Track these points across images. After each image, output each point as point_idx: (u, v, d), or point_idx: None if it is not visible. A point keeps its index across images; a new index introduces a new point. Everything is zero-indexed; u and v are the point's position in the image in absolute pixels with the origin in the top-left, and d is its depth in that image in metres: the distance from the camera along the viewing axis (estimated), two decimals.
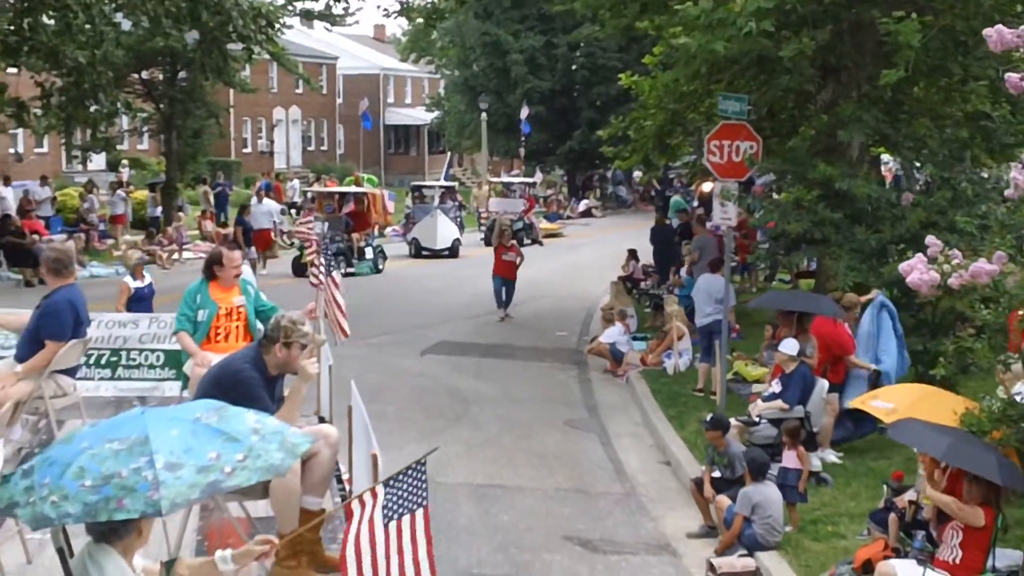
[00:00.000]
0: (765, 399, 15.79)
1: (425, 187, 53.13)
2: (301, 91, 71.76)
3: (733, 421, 14.97)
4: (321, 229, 13.57)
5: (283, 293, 19.86)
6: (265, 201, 41.41)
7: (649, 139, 26.30)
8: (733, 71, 22.59)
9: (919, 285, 11.04)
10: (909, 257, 11.53)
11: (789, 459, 13.71)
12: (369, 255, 38.80)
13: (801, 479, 13.65)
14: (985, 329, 11.61)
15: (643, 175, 44.90)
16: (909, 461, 14.01)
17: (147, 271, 20.20)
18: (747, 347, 22.22)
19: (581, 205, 66.46)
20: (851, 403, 14.74)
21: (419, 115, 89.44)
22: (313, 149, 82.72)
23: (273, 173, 61.30)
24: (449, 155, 74.65)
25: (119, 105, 40.82)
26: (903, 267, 11.29)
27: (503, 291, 29.18)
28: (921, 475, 11.76)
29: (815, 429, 15.47)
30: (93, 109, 38.56)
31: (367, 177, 56.03)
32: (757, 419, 15.43)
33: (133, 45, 41.41)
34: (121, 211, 44.11)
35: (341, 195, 43.51)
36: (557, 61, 67.17)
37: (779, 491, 13.15)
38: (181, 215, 45.65)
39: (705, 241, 25.24)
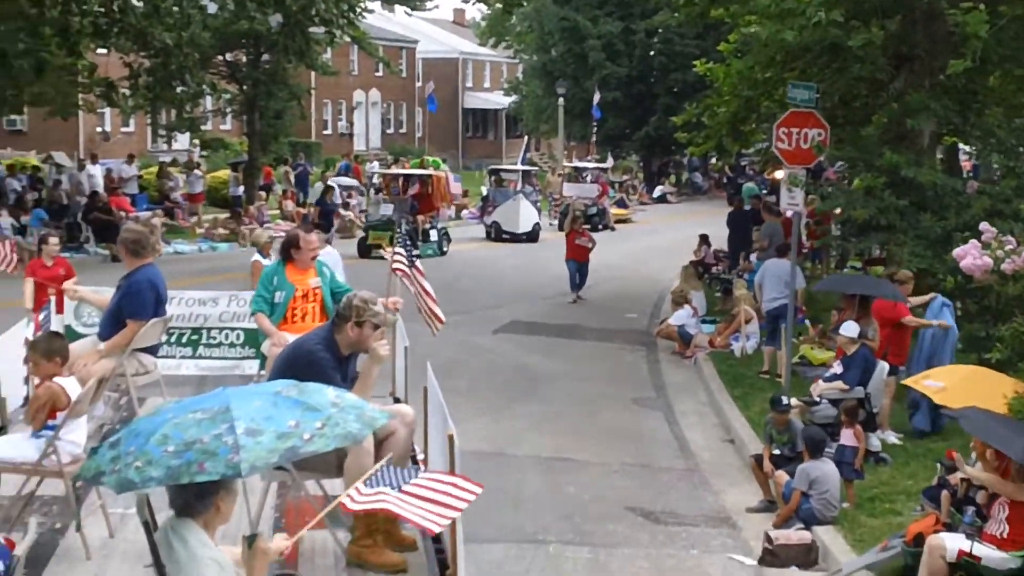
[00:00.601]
0: (826, 380, 16.16)
1: (503, 171, 53.18)
2: (381, 74, 72.38)
3: (794, 401, 15.39)
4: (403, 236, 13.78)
5: (350, 274, 20.21)
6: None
7: (723, 126, 26.55)
8: (806, 59, 22.84)
9: (972, 270, 11.42)
10: None
11: (847, 437, 14.13)
12: (434, 237, 39.08)
13: (858, 457, 14.07)
14: None
15: (716, 162, 45.01)
16: (968, 445, 14.33)
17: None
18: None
19: (656, 191, 66.67)
20: (905, 381, 15.11)
21: (497, 99, 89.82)
22: (392, 132, 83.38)
23: (352, 155, 61.99)
24: (526, 139, 74.96)
25: (204, 86, 41.78)
26: (957, 252, 11.66)
27: (577, 274, 29.71)
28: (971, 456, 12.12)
29: (875, 410, 15.82)
30: (179, 90, 39.49)
31: (432, 160, 56.50)
32: (818, 399, 15.81)
33: (219, 27, 42.04)
34: (199, 190, 45.02)
35: (406, 177, 43.78)
36: (635, 47, 67.27)
37: (836, 468, 13.56)
38: (263, 194, 46.50)
39: (773, 227, 25.54)
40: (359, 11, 45.08)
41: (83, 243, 35.87)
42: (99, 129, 57.05)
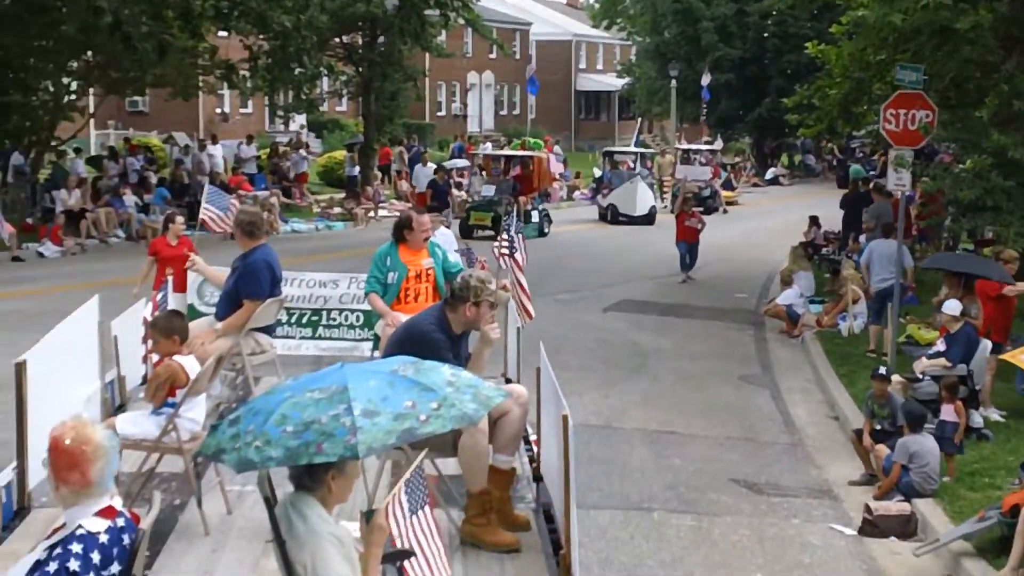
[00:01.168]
0: (929, 357, 16.41)
1: (618, 153, 53.07)
2: (495, 56, 72.95)
3: (896, 377, 15.66)
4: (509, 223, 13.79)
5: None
6: (429, 165, 42.33)
7: (834, 107, 26.71)
8: (918, 41, 22.93)
9: None
10: None
11: (947, 413, 14.37)
12: (535, 218, 39.18)
13: (958, 432, 14.31)
14: None
15: (826, 144, 44.85)
16: None
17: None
18: (921, 312, 22.65)
19: (769, 173, 66.55)
20: (1002, 356, 15.33)
21: (610, 81, 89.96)
22: (505, 113, 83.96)
23: (466, 136, 62.68)
24: (640, 121, 75.11)
25: (322, 68, 42.61)
26: None
27: (687, 255, 30.06)
28: None
29: (978, 387, 16.04)
30: (297, 71, 40.28)
31: (533, 141, 56.85)
32: (921, 376, 16.06)
33: (336, 10, 42.86)
34: (303, 169, 45.93)
35: (507, 159, 44.00)
36: (748, 29, 67.15)
37: (937, 443, 13.83)
38: (379, 174, 47.24)
39: (881, 208, 25.65)
40: None
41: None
42: (218, 110, 58.25)
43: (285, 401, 6.22)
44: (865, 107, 27.22)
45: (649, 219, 44.04)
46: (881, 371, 15.00)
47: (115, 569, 5.28)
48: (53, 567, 5.19)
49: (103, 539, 5.27)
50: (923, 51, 23.32)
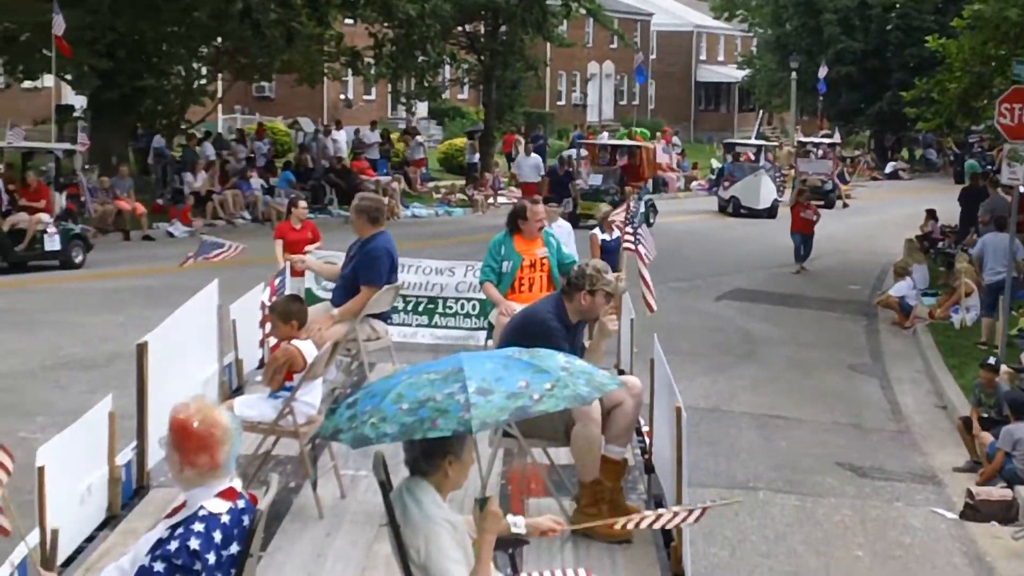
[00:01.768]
0: None
1: (739, 145, 52.55)
2: (615, 46, 73.16)
3: (1004, 368, 15.88)
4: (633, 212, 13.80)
5: None
6: (532, 155, 42.69)
7: (953, 102, 26.76)
8: None
9: None
10: None
11: None
12: (642, 208, 39.09)
13: None
14: None
15: (945, 138, 44.50)
16: None
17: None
18: None
19: (888, 167, 66.14)
20: None
21: (730, 72, 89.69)
22: (625, 103, 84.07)
23: (585, 125, 63.02)
24: (761, 114, 74.75)
25: (444, 56, 43.25)
26: None
27: (802, 247, 30.29)
28: None
29: None
30: (420, 59, 40.98)
31: (640, 131, 56.85)
32: None
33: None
34: (420, 156, 46.59)
35: (614, 148, 44.00)
36: (871, 22, 66.68)
37: None
38: (498, 161, 47.81)
39: (996, 202, 25.69)
40: None
41: (327, 204, 37.63)
42: (342, 96, 59.18)
43: (401, 382, 6.32)
44: (985, 102, 27.20)
45: (771, 212, 43.56)
46: (990, 361, 15.28)
47: (234, 549, 5.33)
48: (174, 545, 5.25)
49: (224, 519, 5.32)
50: None
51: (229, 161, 38.44)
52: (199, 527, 5.26)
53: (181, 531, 5.28)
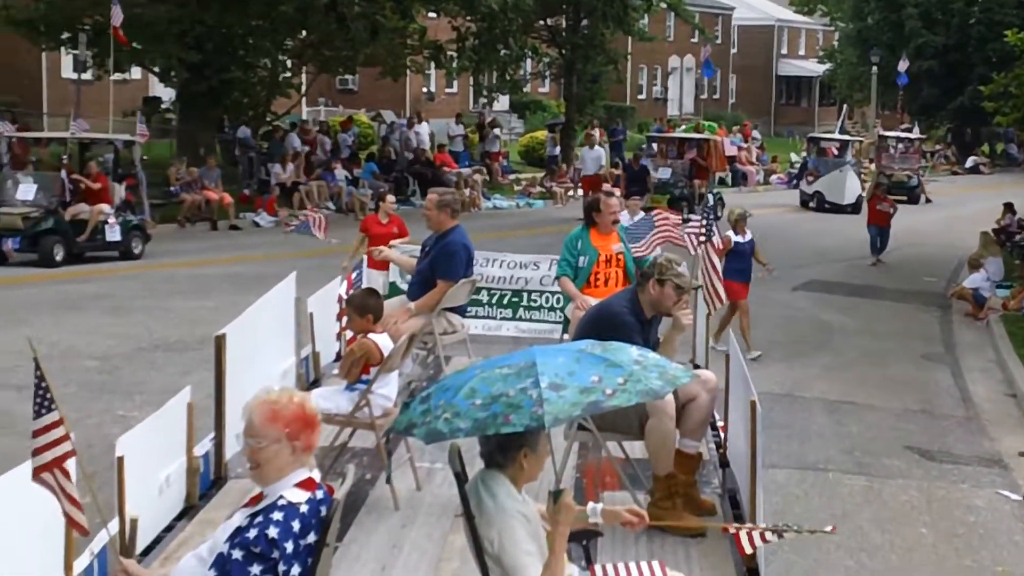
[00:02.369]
0: None
1: (824, 139, 51.89)
2: (696, 40, 73.31)
3: None
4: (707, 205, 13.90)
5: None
6: (596, 148, 43.05)
7: None
8: None
9: None
10: None
11: None
12: (710, 201, 38.72)
13: None
14: None
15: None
16: None
17: (749, 227, 20.02)
18: None
19: (968, 162, 65.88)
20: None
21: (811, 67, 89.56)
22: (705, 97, 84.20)
23: (665, 119, 63.33)
24: (845, 108, 74.60)
25: (526, 50, 43.72)
26: None
27: (878, 239, 30.57)
28: None
29: None
30: (502, 53, 41.50)
31: (707, 124, 56.80)
32: None
33: None
34: (495, 148, 47.04)
35: (682, 141, 43.84)
36: (952, 16, 66.42)
37: None
38: (579, 153, 48.17)
39: None
40: None
41: (409, 196, 38.27)
42: (424, 89, 59.81)
43: (475, 377, 6.32)
44: None
45: (856, 208, 42.24)
46: None
47: (311, 538, 5.38)
48: (253, 533, 5.30)
49: (303, 509, 5.37)
50: None
51: (315, 153, 39.16)
52: (278, 516, 5.32)
53: (260, 520, 5.34)
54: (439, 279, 12.56)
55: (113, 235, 26.50)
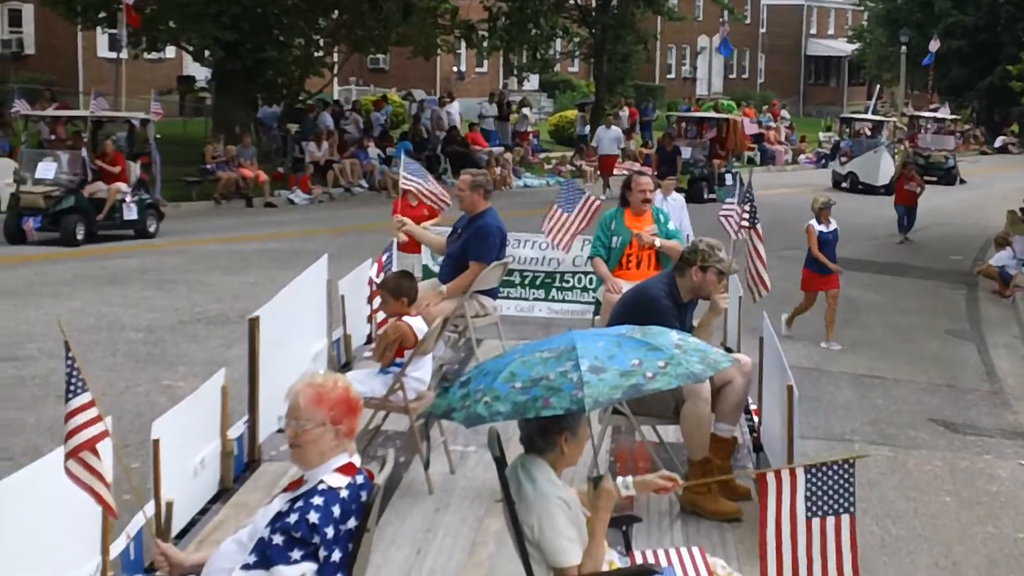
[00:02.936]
0: None
1: (857, 120, 51.26)
2: (725, 20, 73.45)
3: None
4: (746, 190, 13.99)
5: None
6: (612, 128, 43.21)
7: None
8: None
9: None
10: None
11: None
12: (729, 181, 37.87)
13: None
14: None
15: None
16: None
17: (832, 217, 19.97)
18: None
19: (998, 141, 65.96)
20: None
21: (840, 46, 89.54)
22: (734, 77, 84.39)
23: (694, 99, 63.52)
24: (878, 88, 74.43)
25: (556, 29, 43.98)
26: None
27: (905, 218, 30.90)
28: None
29: None
30: (533, 32, 41.73)
31: (726, 103, 56.85)
32: None
33: None
34: (525, 128, 47.26)
35: (701, 121, 43.66)
36: None
37: None
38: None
39: None
40: None
41: (441, 174, 38.61)
42: (455, 69, 60.13)
43: (514, 361, 6.29)
44: None
45: (889, 189, 40.91)
46: None
47: (352, 524, 5.38)
48: (293, 518, 5.32)
49: (343, 494, 5.37)
50: None
51: (347, 131, 39.55)
52: (318, 501, 5.33)
53: (301, 504, 5.36)
54: (472, 261, 12.44)
55: (130, 214, 26.46)
